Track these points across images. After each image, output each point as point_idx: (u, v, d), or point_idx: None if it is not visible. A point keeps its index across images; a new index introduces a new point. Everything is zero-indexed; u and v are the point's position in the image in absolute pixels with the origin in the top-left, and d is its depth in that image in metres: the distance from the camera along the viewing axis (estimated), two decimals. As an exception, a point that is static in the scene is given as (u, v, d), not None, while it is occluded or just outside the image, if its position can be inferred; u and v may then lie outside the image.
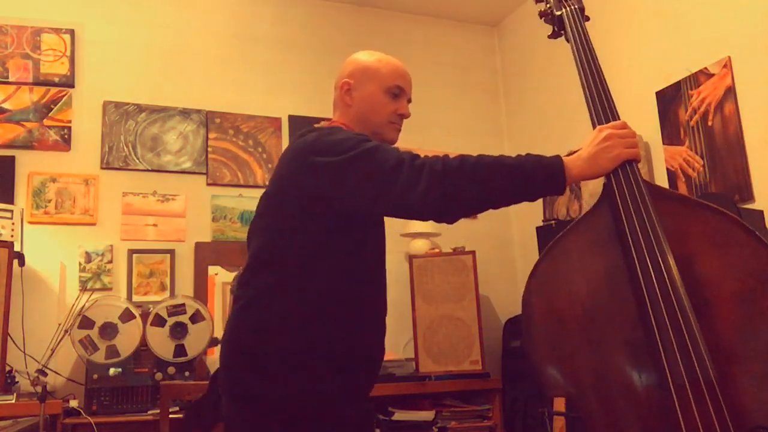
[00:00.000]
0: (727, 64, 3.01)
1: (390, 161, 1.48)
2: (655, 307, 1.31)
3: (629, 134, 1.47)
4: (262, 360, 1.52)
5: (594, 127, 1.52)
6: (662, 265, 1.34)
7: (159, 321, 3.08)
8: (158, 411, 2.77)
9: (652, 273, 1.34)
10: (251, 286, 1.59)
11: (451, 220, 1.52)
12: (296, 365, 1.52)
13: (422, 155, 1.51)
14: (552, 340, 1.41)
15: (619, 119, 1.52)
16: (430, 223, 3.72)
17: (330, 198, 1.55)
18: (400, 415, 3.34)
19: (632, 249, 1.37)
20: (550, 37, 1.83)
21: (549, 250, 1.48)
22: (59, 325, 2.98)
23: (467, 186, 1.44)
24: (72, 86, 3.61)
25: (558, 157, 1.45)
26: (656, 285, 1.33)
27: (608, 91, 1.58)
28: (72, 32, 3.66)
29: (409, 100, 1.84)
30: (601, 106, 1.55)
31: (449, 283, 3.57)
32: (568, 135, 3.88)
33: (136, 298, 3.45)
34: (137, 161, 3.66)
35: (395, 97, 1.80)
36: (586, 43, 1.72)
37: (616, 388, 1.35)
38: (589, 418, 1.39)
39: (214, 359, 3.35)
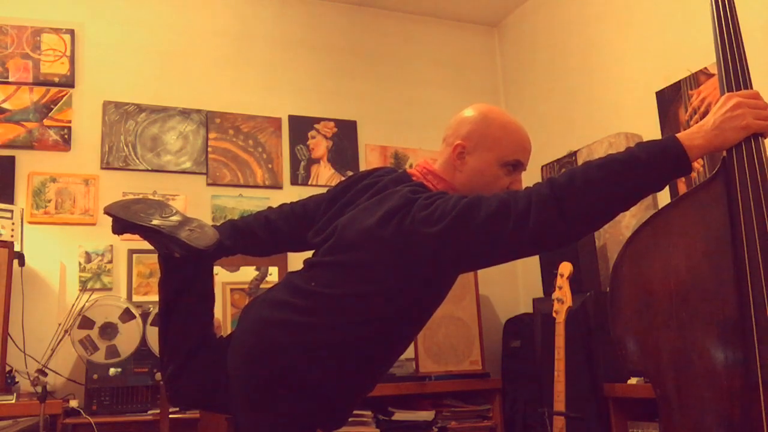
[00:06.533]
0: (727, 64, 3.01)
1: (492, 206, 1.38)
2: (756, 293, 1.25)
3: (761, 105, 1.36)
4: (290, 376, 1.53)
5: (722, 93, 1.39)
6: None
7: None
8: (158, 411, 2.78)
9: (760, 259, 1.27)
10: (317, 314, 1.54)
11: (575, 241, 1.42)
12: (314, 397, 1.54)
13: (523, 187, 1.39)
14: (637, 313, 1.35)
15: (752, 88, 1.39)
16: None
17: (443, 265, 1.49)
18: (400, 415, 3.33)
19: (743, 231, 1.30)
20: None
21: (651, 220, 1.40)
22: (59, 325, 2.98)
23: (584, 200, 1.32)
24: (72, 86, 3.61)
25: (671, 136, 1.34)
26: (762, 272, 1.26)
27: (744, 56, 1.44)
28: (72, 32, 3.66)
29: (524, 169, 1.67)
30: (734, 71, 1.42)
31: (449, 283, 3.56)
32: (569, 135, 3.88)
33: (136, 298, 3.45)
34: (137, 161, 3.66)
35: (512, 170, 1.63)
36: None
37: (697, 371, 1.29)
38: (664, 398, 1.33)
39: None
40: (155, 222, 1.62)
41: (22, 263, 3.03)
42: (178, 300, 1.67)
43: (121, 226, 1.66)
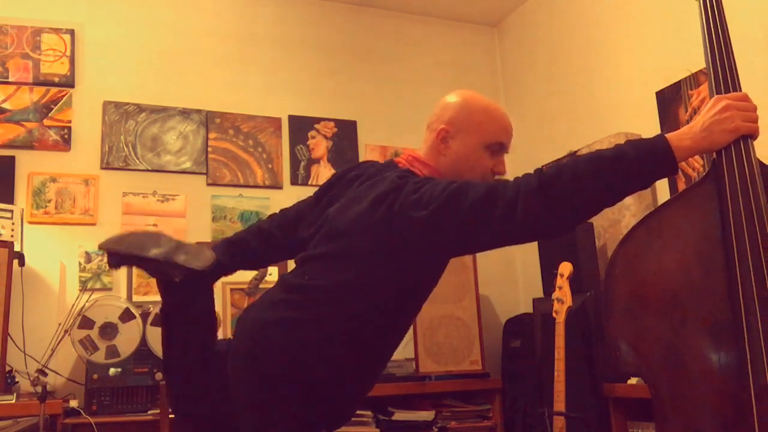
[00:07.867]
0: (727, 64, 3.01)
1: (479, 192, 1.40)
2: (747, 295, 1.26)
3: (750, 107, 1.37)
4: (290, 375, 1.53)
5: (712, 96, 1.41)
6: (762, 254, 1.27)
7: (159, 321, 3.08)
8: (158, 411, 2.78)
9: (750, 261, 1.27)
10: (311, 308, 1.54)
11: (562, 233, 1.44)
12: (314, 394, 1.54)
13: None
14: (631, 315, 1.35)
15: (741, 90, 1.41)
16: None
17: (431, 250, 1.51)
18: (400, 415, 3.33)
19: (733, 233, 1.30)
20: None
21: (645, 220, 1.40)
22: (59, 325, 2.98)
23: (571, 192, 1.35)
24: (72, 86, 3.61)
25: (660, 135, 1.36)
26: (752, 273, 1.26)
27: (732, 58, 1.45)
28: (72, 32, 3.66)
29: (507, 151, 1.72)
30: (723, 73, 1.43)
31: (449, 283, 3.56)
32: (569, 135, 3.88)
33: (136, 298, 3.45)
34: (137, 161, 3.66)
35: (495, 152, 1.68)
36: (716, 3, 1.50)
37: (690, 372, 1.30)
38: (658, 399, 1.33)
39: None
40: (153, 252, 1.61)
41: (22, 263, 3.03)
42: (179, 323, 1.67)
43: (117, 260, 1.65)
